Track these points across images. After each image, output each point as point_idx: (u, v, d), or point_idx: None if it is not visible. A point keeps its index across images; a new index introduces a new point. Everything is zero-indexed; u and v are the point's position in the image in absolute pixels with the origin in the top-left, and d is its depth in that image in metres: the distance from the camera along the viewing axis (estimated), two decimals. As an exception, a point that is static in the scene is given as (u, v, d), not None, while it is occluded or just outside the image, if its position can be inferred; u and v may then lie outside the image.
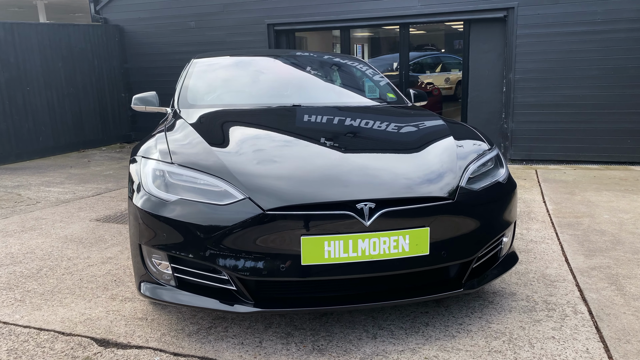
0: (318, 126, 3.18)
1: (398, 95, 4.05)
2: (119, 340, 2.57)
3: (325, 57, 4.53)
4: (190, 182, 2.44)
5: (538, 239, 4.06)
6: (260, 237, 2.25)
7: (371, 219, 2.27)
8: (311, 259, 2.25)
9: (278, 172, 2.49)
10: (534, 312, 2.79)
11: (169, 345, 2.51)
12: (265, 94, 3.80)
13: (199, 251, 2.32)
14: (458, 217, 2.45)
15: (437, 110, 11.08)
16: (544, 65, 7.37)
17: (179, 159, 2.56)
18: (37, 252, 3.96)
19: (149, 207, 2.44)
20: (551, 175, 6.68)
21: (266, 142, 2.86)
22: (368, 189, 2.38)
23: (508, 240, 2.84)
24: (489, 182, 2.67)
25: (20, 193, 6.08)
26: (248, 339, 2.55)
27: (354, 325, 2.67)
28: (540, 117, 7.52)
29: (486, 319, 2.72)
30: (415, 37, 12.61)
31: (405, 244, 2.31)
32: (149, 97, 3.97)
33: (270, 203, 2.28)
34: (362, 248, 2.27)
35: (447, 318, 2.74)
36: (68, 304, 3.00)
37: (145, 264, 2.51)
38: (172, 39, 9.30)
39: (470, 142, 2.96)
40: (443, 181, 2.51)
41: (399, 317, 2.76)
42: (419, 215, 2.36)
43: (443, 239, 2.40)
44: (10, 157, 7.94)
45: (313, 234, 2.24)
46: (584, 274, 3.32)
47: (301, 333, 2.60)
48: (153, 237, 2.43)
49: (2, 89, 7.77)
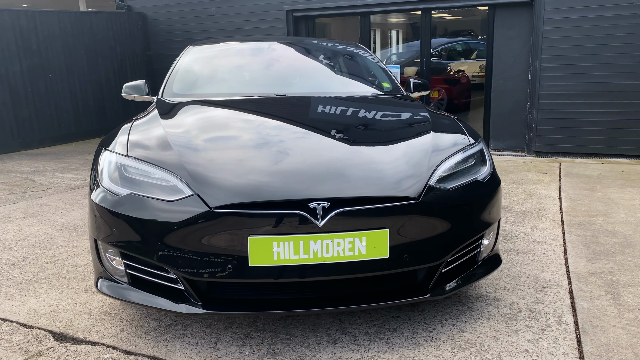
0: (291, 118, 3.03)
1: (394, 85, 3.85)
2: (75, 335, 2.53)
3: (324, 44, 4.36)
4: (144, 176, 2.36)
5: (542, 239, 3.81)
6: (206, 236, 2.14)
7: (324, 219, 2.13)
8: (259, 260, 2.13)
9: (231, 167, 2.38)
10: (514, 321, 2.59)
11: (123, 342, 2.45)
12: (251, 84, 3.68)
13: (147, 248, 2.23)
14: (423, 218, 2.27)
15: (464, 100, 10.71)
16: (572, 52, 6.95)
17: (136, 151, 2.48)
18: (29, 240, 3.99)
19: (102, 200, 2.37)
20: (575, 169, 6.32)
21: (228, 136, 2.74)
22: (323, 187, 2.23)
23: (489, 242, 2.64)
24: (465, 181, 2.47)
25: (34, 179, 6.20)
26: (204, 339, 2.46)
27: (317, 328, 2.55)
28: (567, 108, 7.11)
29: (459, 327, 2.54)
30: (452, 22, 12.20)
31: (361, 247, 2.16)
32: (139, 86, 3.92)
33: (218, 200, 2.16)
34: (315, 250, 2.13)
35: (417, 324, 2.57)
36: (40, 295, 2.99)
37: (101, 260, 2.45)
38: (194, 26, 9.28)
39: (451, 136, 2.75)
40: (409, 179, 2.33)
41: (367, 321, 2.61)
42: (377, 215, 2.20)
43: (405, 241, 2.23)
44: (32, 143, 8.13)
45: (261, 234, 2.12)
46: (581, 279, 3.08)
47: (260, 335, 2.49)
48: (106, 232, 2.36)
49: (25, 76, 7.94)
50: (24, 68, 7.91)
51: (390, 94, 3.71)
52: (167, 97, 3.54)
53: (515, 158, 7.19)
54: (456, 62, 11.32)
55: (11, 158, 7.51)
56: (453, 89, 10.53)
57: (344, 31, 12.04)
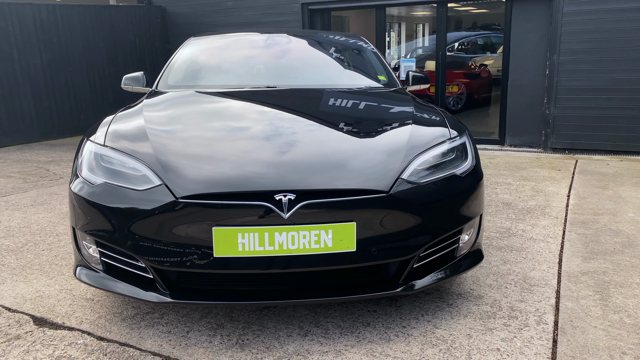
0: (274, 110, 3.02)
1: (390, 77, 3.79)
2: (55, 320, 2.59)
3: (323, 37, 4.33)
4: (118, 165, 2.39)
5: (539, 237, 3.72)
6: (173, 226, 2.16)
7: (290, 211, 2.12)
8: (224, 251, 2.13)
9: (203, 158, 2.38)
10: (492, 319, 2.54)
11: (98, 329, 2.49)
12: (245, 76, 3.67)
13: (117, 237, 2.26)
14: (393, 212, 2.23)
15: (484, 95, 10.50)
16: (592, 45, 6.73)
17: (113, 141, 2.51)
18: (32, 227, 4.10)
19: (79, 189, 2.41)
20: (591, 166, 6.14)
21: (205, 127, 2.75)
22: (291, 179, 2.21)
23: (470, 237, 2.58)
24: (442, 175, 2.42)
25: (49, 168, 6.36)
26: (177, 328, 2.49)
27: (291, 320, 2.54)
28: (586, 103, 6.90)
29: (434, 324, 2.49)
30: (472, 16, 11.98)
31: (327, 239, 2.14)
32: (138, 77, 3.97)
33: (185, 190, 2.18)
34: (280, 242, 2.13)
35: (392, 319, 2.54)
36: (30, 280, 3.07)
37: (79, 248, 2.50)
38: (211, 19, 9.34)
39: (432, 129, 2.70)
40: (380, 172, 2.30)
41: (342, 314, 2.60)
42: (345, 208, 2.17)
43: (373, 235, 2.20)
44: (52, 134, 8.35)
45: (226, 224, 2.12)
46: (572, 279, 2.99)
47: (233, 325, 2.50)
48: (83, 220, 2.40)
49: (45, 69, 8.14)
50: (44, 61, 8.11)
51: (386, 87, 3.66)
52: (161, 88, 3.58)
53: (531, 154, 7.02)
54: (478, 57, 11.10)
55: (30, 148, 7.73)
56: (473, 83, 10.33)
57: (361, 25, 11.95)
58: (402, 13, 12.88)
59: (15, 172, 6.18)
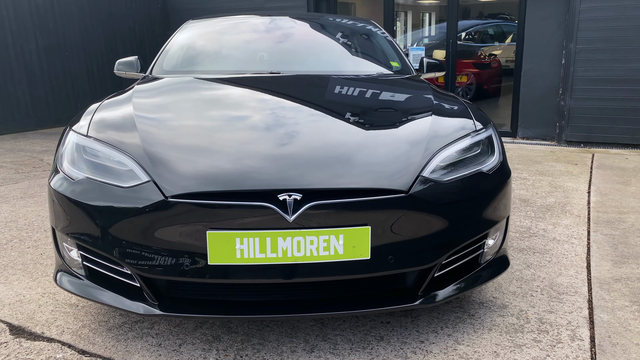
0: (278, 98, 2.73)
1: (403, 64, 3.50)
2: (34, 330, 2.33)
3: (331, 20, 4.04)
4: (102, 159, 2.12)
5: (563, 237, 3.44)
6: (162, 228, 1.89)
7: (296, 213, 1.85)
8: (220, 258, 1.87)
9: (197, 151, 2.11)
10: (520, 333, 2.27)
11: (81, 340, 2.24)
12: (246, 61, 3.39)
13: (100, 240, 2.00)
14: (413, 215, 1.96)
15: (494, 85, 10.18)
16: (612, 33, 6.40)
17: (96, 132, 2.23)
18: (19, 222, 3.85)
19: (58, 185, 2.14)
20: (609, 160, 5.84)
21: (202, 116, 2.47)
22: (296, 177, 1.94)
23: (495, 242, 2.31)
24: (467, 172, 2.14)
25: (43, 158, 6.10)
26: (169, 340, 2.23)
27: (295, 333, 2.28)
28: (604, 94, 6.58)
29: (455, 338, 2.23)
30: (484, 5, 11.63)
31: (338, 245, 1.88)
32: (131, 62, 3.71)
33: (176, 188, 1.91)
34: (284, 248, 1.86)
35: (409, 332, 2.28)
36: (12, 282, 2.82)
37: (59, 250, 2.23)
38: (214, 4, 9.02)
39: (455, 120, 2.42)
40: (398, 169, 2.02)
41: (353, 326, 2.33)
42: (358, 210, 1.90)
43: (390, 240, 1.93)
44: (49, 122, 8.08)
45: (222, 228, 1.85)
46: (604, 286, 2.72)
47: (231, 338, 2.24)
48: (63, 219, 2.13)
49: (41, 55, 7.85)
50: (40, 46, 7.82)
51: (399, 74, 3.37)
52: (155, 74, 3.31)
53: (545, 147, 6.73)
54: (488, 46, 10.75)
55: (26, 137, 7.46)
56: (483, 73, 10.01)
57: (367, 12, 11.62)
58: (409, 1, 12.53)
59: (8, 162, 5.92)
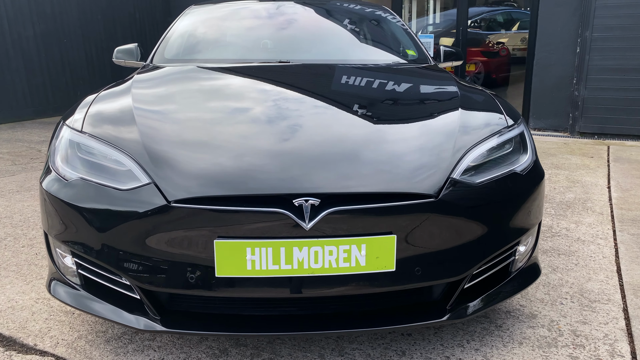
0: (290, 91, 2.53)
1: (421, 53, 3.29)
2: (26, 341, 2.15)
3: (343, 5, 3.82)
4: (98, 157, 1.92)
5: (588, 237, 3.25)
6: (164, 236, 1.70)
7: (313, 220, 1.66)
8: (228, 269, 1.68)
9: (203, 150, 1.91)
10: (554, 348, 2.09)
11: (76, 354, 2.06)
12: (254, 49, 3.18)
13: (96, 248, 1.81)
14: (443, 221, 1.77)
15: (502, 74, 9.93)
16: (629, 21, 6.16)
17: (92, 127, 2.03)
18: (15, 217, 3.67)
19: (50, 185, 1.95)
20: (626, 153, 5.64)
21: (207, 109, 2.26)
22: (314, 180, 1.75)
23: (527, 249, 2.12)
24: (499, 173, 1.95)
25: (41, 149, 5.91)
26: (172, 355, 2.05)
27: (309, 346, 2.10)
28: (620, 84, 6.35)
29: (484, 353, 2.05)
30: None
31: (360, 256, 1.69)
32: (131, 50, 3.51)
33: (179, 191, 1.71)
34: (299, 259, 1.67)
35: (432, 346, 2.10)
36: (4, 286, 2.64)
37: (53, 257, 2.05)
38: (215, -10, 8.77)
39: (485, 115, 2.22)
40: (426, 170, 1.83)
41: (371, 339, 2.15)
42: (382, 217, 1.71)
43: (418, 251, 1.74)
44: (47, 111, 7.87)
45: (231, 236, 1.66)
46: (638, 293, 2.53)
47: (240, 352, 2.07)
48: (56, 224, 1.94)
49: (39, 42, 7.62)
50: (37, 33, 7.59)
51: (415, 63, 3.16)
52: (156, 62, 3.10)
53: (557, 139, 6.52)
54: (497, 34, 10.48)
55: (23, 126, 7.26)
56: (491, 62, 9.76)
57: (375, -2, 11.31)
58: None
59: (4, 152, 5.73)
